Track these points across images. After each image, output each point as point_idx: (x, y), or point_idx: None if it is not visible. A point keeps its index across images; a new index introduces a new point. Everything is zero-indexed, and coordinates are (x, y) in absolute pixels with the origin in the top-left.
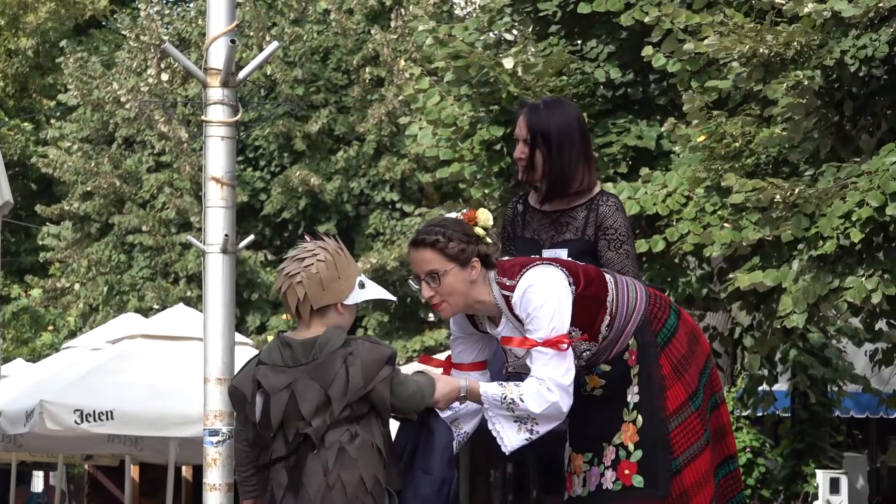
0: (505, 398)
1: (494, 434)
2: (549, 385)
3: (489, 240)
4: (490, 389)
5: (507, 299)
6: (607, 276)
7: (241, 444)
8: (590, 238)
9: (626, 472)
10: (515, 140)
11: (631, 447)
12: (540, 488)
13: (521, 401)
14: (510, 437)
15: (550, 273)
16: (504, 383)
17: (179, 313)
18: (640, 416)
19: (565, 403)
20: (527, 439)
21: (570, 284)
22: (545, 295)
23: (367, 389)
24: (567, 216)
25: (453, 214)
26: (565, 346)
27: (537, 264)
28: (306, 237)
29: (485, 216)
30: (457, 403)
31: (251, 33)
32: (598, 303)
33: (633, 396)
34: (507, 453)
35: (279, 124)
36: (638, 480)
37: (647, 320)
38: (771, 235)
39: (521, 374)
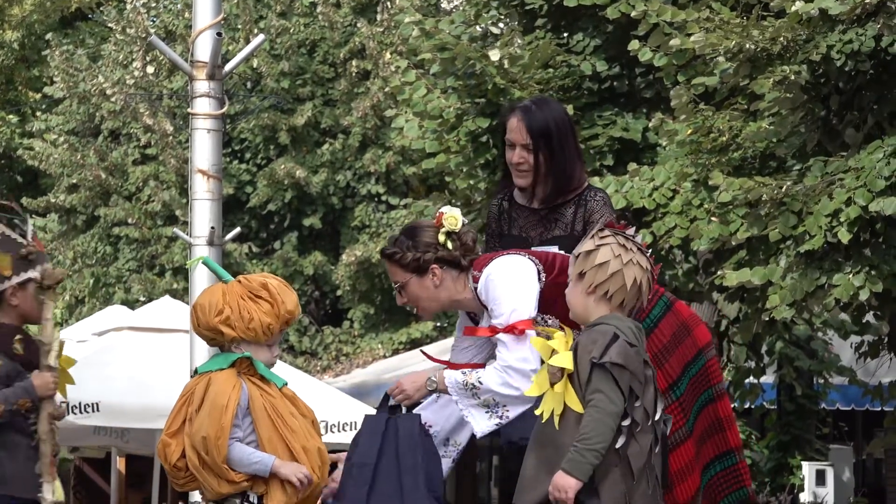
0: (466, 383)
1: (468, 421)
2: (506, 369)
3: (451, 244)
4: (452, 376)
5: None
6: None
7: (614, 422)
8: (579, 234)
9: None
10: (511, 145)
11: None
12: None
13: (480, 383)
14: (480, 423)
15: (514, 261)
16: (466, 370)
17: (166, 305)
18: None
19: (523, 385)
20: (497, 424)
21: (539, 272)
22: (504, 281)
23: None
24: (556, 213)
25: (434, 214)
26: (522, 330)
27: (504, 254)
28: (606, 227)
29: (451, 220)
30: (433, 397)
31: (239, 26)
32: None
33: None
34: (477, 437)
35: (265, 117)
36: None
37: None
38: (759, 233)
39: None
